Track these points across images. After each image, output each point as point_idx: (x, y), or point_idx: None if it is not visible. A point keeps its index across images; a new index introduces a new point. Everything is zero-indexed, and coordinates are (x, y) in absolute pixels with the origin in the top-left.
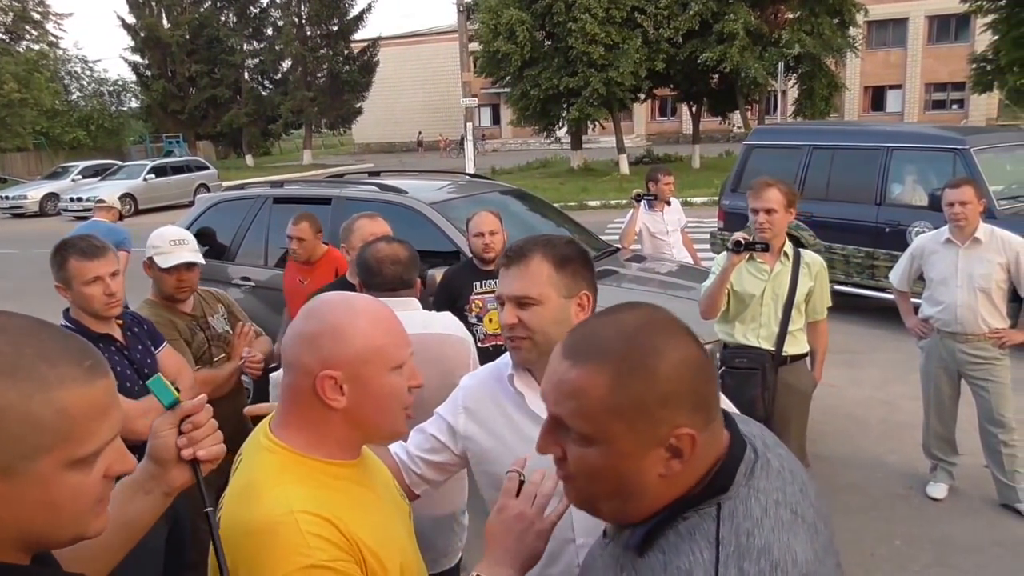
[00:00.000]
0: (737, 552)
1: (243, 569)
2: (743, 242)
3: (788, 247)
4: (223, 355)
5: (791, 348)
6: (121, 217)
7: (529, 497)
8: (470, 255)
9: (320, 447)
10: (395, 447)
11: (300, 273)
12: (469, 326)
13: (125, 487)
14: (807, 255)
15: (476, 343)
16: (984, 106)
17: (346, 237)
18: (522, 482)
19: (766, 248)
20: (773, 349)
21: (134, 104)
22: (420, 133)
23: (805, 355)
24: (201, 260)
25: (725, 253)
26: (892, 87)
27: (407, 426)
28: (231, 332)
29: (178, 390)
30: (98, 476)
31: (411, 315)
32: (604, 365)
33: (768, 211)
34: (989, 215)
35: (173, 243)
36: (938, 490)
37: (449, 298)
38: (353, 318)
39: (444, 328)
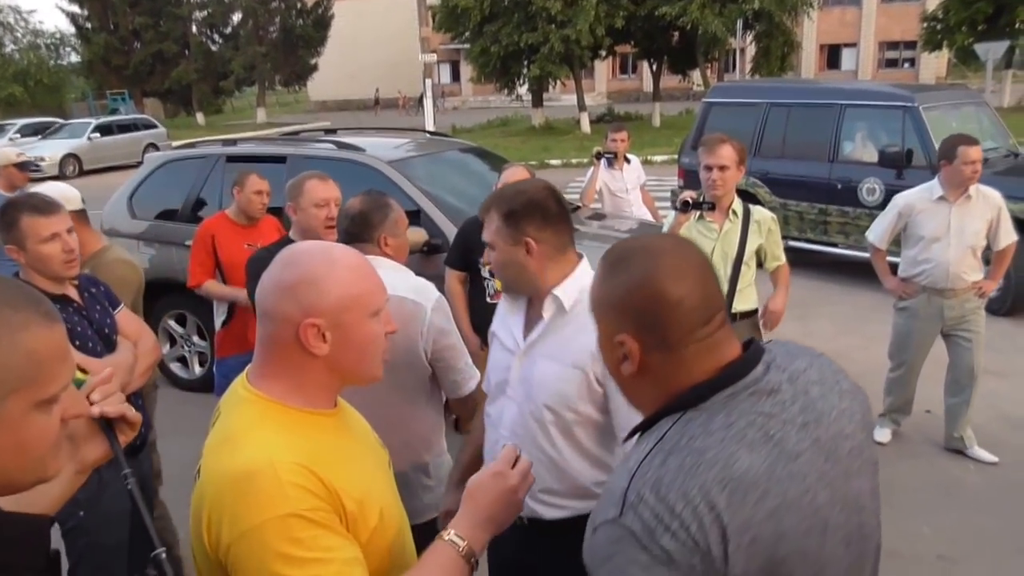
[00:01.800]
0: (669, 447)
1: (225, 518)
2: (690, 201)
3: (737, 204)
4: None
5: (740, 305)
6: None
7: (523, 473)
8: None
9: (299, 395)
10: None
11: (244, 236)
12: (482, 280)
13: None
14: (757, 211)
15: (487, 298)
16: (934, 65)
17: (294, 197)
18: (518, 458)
19: (712, 207)
20: None
21: (74, 59)
22: (378, 91)
23: (754, 312)
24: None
25: (673, 213)
26: (847, 45)
27: (381, 370)
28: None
29: (84, 371)
30: (57, 419)
31: None
32: (601, 264)
33: (721, 168)
34: (935, 172)
35: None
36: (883, 435)
37: (465, 250)
38: (332, 266)
39: (404, 292)
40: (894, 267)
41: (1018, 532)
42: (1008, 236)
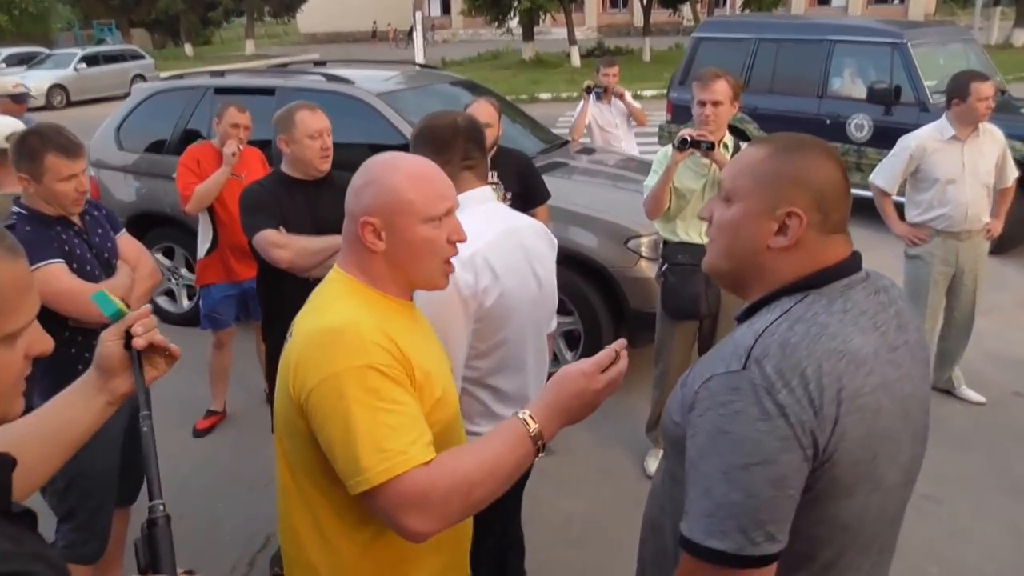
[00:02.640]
0: (796, 318)
1: (311, 365)
2: (689, 139)
3: (728, 139)
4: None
5: None
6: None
7: (611, 380)
8: None
9: (376, 282)
10: None
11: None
12: None
13: (69, 393)
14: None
15: None
16: (923, 1)
17: (286, 129)
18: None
19: (711, 147)
20: None
21: None
22: (375, 23)
23: None
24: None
25: (667, 148)
26: None
27: (447, 280)
28: None
29: (125, 303)
30: (20, 354)
31: None
32: (771, 144)
33: (715, 103)
34: (923, 109)
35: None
36: None
37: None
38: (392, 172)
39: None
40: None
41: (1002, 471)
42: (1013, 173)
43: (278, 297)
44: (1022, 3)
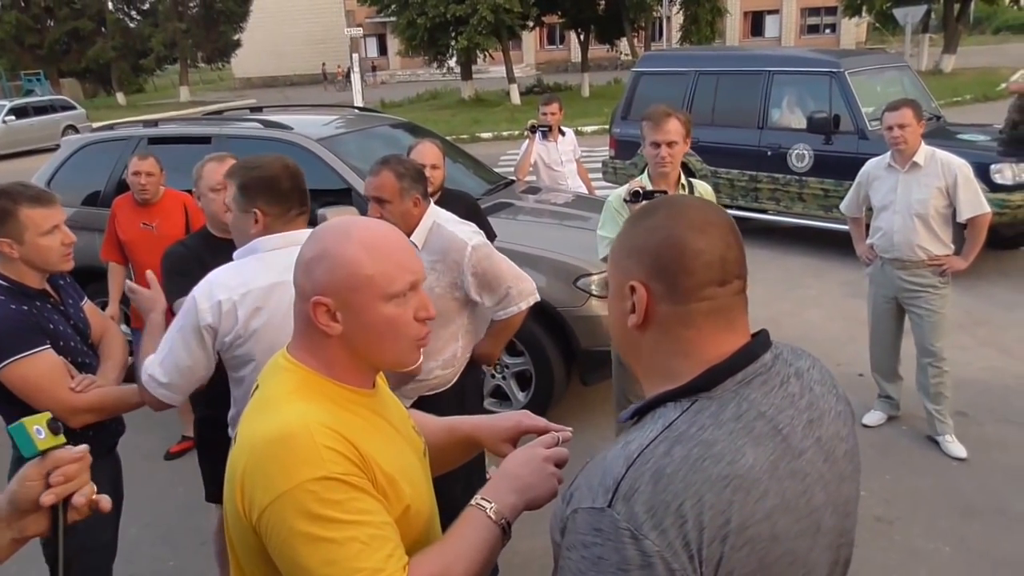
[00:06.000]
0: (676, 436)
1: (259, 481)
2: (641, 191)
3: (682, 178)
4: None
5: None
6: None
7: (560, 455)
8: None
9: (331, 370)
10: None
11: (141, 216)
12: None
13: None
14: (699, 185)
15: None
16: (854, 30)
17: (195, 183)
18: (557, 442)
19: (663, 195)
20: None
21: None
22: (324, 64)
23: None
24: None
25: (618, 196)
26: (770, 12)
27: (419, 355)
28: None
29: (57, 429)
30: None
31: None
32: (627, 220)
33: (670, 143)
34: (862, 136)
35: None
36: (873, 417)
37: None
38: (344, 243)
39: None
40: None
41: (952, 492)
42: (972, 208)
43: None
44: (950, 30)
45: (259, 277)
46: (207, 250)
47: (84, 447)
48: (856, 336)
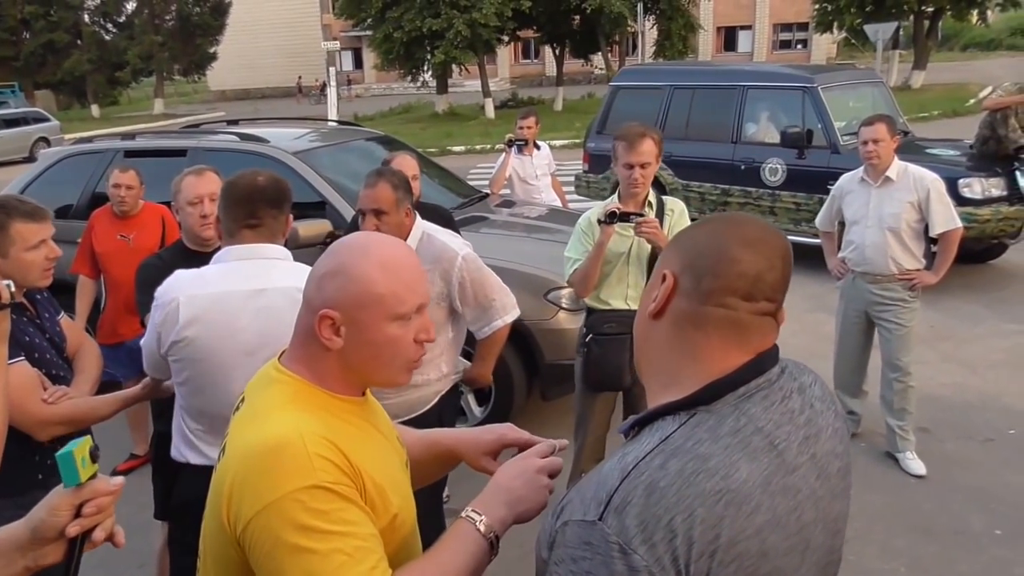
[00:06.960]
0: (673, 449)
1: (248, 490)
2: (618, 212)
3: (652, 196)
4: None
5: None
6: None
7: (555, 465)
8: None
9: (324, 381)
10: None
11: (119, 228)
12: None
13: None
14: (669, 201)
15: None
16: (825, 46)
17: (174, 196)
18: (552, 452)
19: (641, 216)
20: None
21: None
22: (300, 78)
23: None
24: None
25: (590, 217)
26: (743, 27)
27: (410, 377)
28: None
29: (96, 457)
30: None
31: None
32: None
33: (644, 165)
34: (834, 151)
35: None
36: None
37: None
38: (360, 260)
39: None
40: None
41: (907, 510)
42: (944, 223)
43: None
44: (920, 46)
45: (210, 284)
46: (182, 263)
47: (121, 479)
48: (819, 351)
